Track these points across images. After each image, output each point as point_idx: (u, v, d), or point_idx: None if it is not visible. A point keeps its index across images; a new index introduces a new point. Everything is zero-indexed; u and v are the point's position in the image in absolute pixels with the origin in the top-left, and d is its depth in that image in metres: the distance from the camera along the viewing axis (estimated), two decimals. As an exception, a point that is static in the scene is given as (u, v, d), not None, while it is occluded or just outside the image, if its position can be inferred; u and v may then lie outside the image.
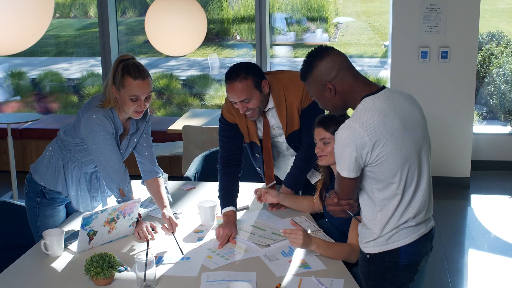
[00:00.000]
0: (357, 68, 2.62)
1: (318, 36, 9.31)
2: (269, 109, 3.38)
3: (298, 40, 9.25)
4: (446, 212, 5.68)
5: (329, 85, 2.52)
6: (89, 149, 3.15)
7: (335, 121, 2.90)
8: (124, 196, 3.17)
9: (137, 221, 3.14)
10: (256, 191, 3.42)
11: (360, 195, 2.59)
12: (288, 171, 3.58)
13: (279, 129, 3.45)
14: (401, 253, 2.59)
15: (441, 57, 5.99)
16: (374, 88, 2.54)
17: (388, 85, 6.40)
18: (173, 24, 3.62)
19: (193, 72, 9.69)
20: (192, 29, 3.71)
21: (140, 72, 3.07)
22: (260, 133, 3.48)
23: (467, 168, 6.24)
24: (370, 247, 2.61)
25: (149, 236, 3.07)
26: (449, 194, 6.10)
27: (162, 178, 3.40)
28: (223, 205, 3.27)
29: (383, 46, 9.16)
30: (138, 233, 3.10)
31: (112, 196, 3.30)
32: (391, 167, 2.46)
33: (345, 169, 2.45)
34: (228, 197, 3.32)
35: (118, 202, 3.17)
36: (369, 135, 2.41)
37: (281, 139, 3.51)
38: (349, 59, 2.59)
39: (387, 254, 2.59)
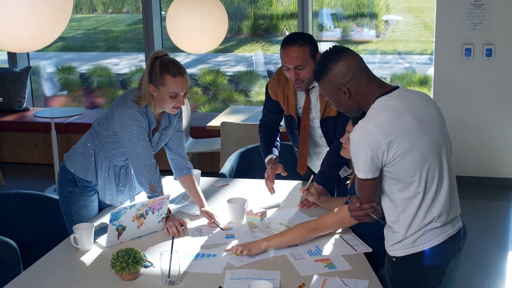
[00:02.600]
0: (406, 65, 2.62)
1: (365, 33, 9.23)
2: (313, 87, 3.41)
3: (345, 37, 9.19)
4: (488, 213, 5.57)
5: (344, 88, 2.51)
6: (121, 143, 3.20)
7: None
8: (155, 191, 3.20)
9: (167, 217, 3.17)
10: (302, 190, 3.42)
11: (381, 199, 2.56)
12: (318, 165, 3.62)
13: (316, 112, 3.48)
14: (428, 255, 2.55)
15: (486, 55, 5.87)
16: (388, 88, 2.52)
17: (432, 82, 6.32)
18: (193, 21, 3.65)
19: (240, 68, 9.72)
20: (213, 27, 3.72)
21: (179, 69, 3.10)
22: (300, 111, 3.52)
23: (511, 169, 6.11)
24: (396, 250, 2.58)
25: (178, 233, 3.10)
26: (492, 195, 5.97)
27: (194, 175, 3.44)
28: (265, 155, 3.65)
29: (433, 43, 9.03)
30: (168, 229, 3.13)
31: (142, 193, 3.34)
32: (410, 166, 2.43)
33: (361, 170, 2.44)
34: (269, 148, 3.67)
35: (149, 197, 3.21)
36: (383, 134, 2.39)
37: (317, 124, 3.53)
38: (398, 55, 2.59)
39: (413, 257, 2.56)
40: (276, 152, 3.65)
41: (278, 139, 3.74)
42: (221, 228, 3.14)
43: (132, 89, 3.26)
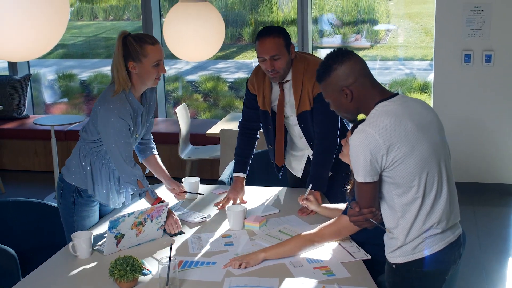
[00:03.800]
0: (406, 71, 2.64)
1: (365, 39, 9.23)
2: (287, 81, 3.51)
3: (346, 43, 9.19)
4: (489, 219, 5.56)
5: (347, 90, 2.52)
6: (103, 141, 3.19)
7: None
8: (143, 187, 3.22)
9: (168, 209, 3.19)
10: (301, 199, 3.42)
11: (380, 205, 2.56)
12: (300, 169, 3.73)
13: (291, 108, 3.55)
14: (428, 262, 2.55)
15: (485, 61, 5.87)
16: (388, 94, 2.54)
17: (432, 89, 6.32)
18: (190, 29, 3.67)
19: (241, 74, 9.72)
20: (210, 35, 3.74)
21: (153, 38, 3.18)
22: (275, 109, 3.59)
23: (511, 175, 6.10)
24: (396, 257, 2.58)
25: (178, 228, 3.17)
26: (492, 201, 5.97)
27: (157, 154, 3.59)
28: (235, 170, 3.70)
29: (433, 49, 9.02)
30: (169, 226, 3.17)
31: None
32: (409, 170, 2.44)
33: (360, 174, 2.44)
34: (241, 163, 3.71)
35: (140, 195, 3.24)
36: (382, 138, 2.40)
37: (294, 121, 3.59)
38: (398, 61, 2.61)
39: (414, 263, 2.56)
40: (247, 170, 3.71)
41: (253, 151, 3.79)
42: (190, 193, 3.48)
43: (108, 86, 3.24)
